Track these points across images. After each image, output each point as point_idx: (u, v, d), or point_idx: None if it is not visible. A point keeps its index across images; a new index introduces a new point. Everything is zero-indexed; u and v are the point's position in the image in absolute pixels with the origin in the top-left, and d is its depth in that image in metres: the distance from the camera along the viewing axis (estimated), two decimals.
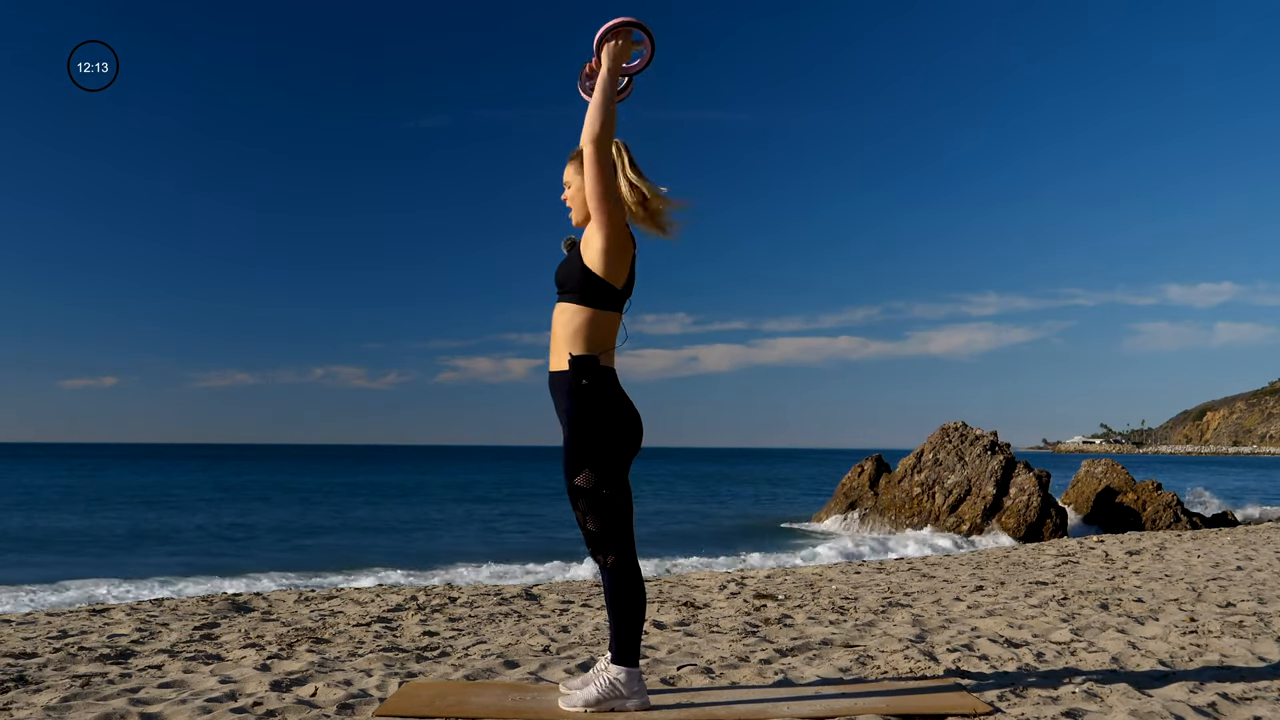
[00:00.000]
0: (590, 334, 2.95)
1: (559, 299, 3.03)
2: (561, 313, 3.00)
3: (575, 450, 2.91)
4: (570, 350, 2.94)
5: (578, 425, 2.91)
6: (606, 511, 2.93)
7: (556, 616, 5.37)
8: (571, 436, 2.92)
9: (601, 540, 2.95)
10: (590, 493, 2.91)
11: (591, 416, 2.91)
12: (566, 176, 3.13)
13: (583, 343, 2.94)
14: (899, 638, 4.40)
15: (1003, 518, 14.34)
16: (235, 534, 16.36)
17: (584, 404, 2.92)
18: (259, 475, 43.33)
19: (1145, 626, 4.59)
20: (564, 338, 2.97)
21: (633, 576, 2.98)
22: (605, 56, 2.96)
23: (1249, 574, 6.80)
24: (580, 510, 2.93)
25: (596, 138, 2.90)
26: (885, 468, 15.94)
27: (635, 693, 2.99)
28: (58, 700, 3.21)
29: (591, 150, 2.90)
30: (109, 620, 5.26)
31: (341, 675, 3.63)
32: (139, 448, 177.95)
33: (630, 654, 2.99)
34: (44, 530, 16.66)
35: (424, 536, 16.36)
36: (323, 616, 5.38)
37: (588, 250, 2.97)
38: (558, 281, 3.04)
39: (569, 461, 2.93)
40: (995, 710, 3.00)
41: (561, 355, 2.97)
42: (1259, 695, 3.19)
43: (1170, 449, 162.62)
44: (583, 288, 2.95)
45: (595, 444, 2.91)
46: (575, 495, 2.92)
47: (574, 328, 2.95)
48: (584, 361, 2.92)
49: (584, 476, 2.90)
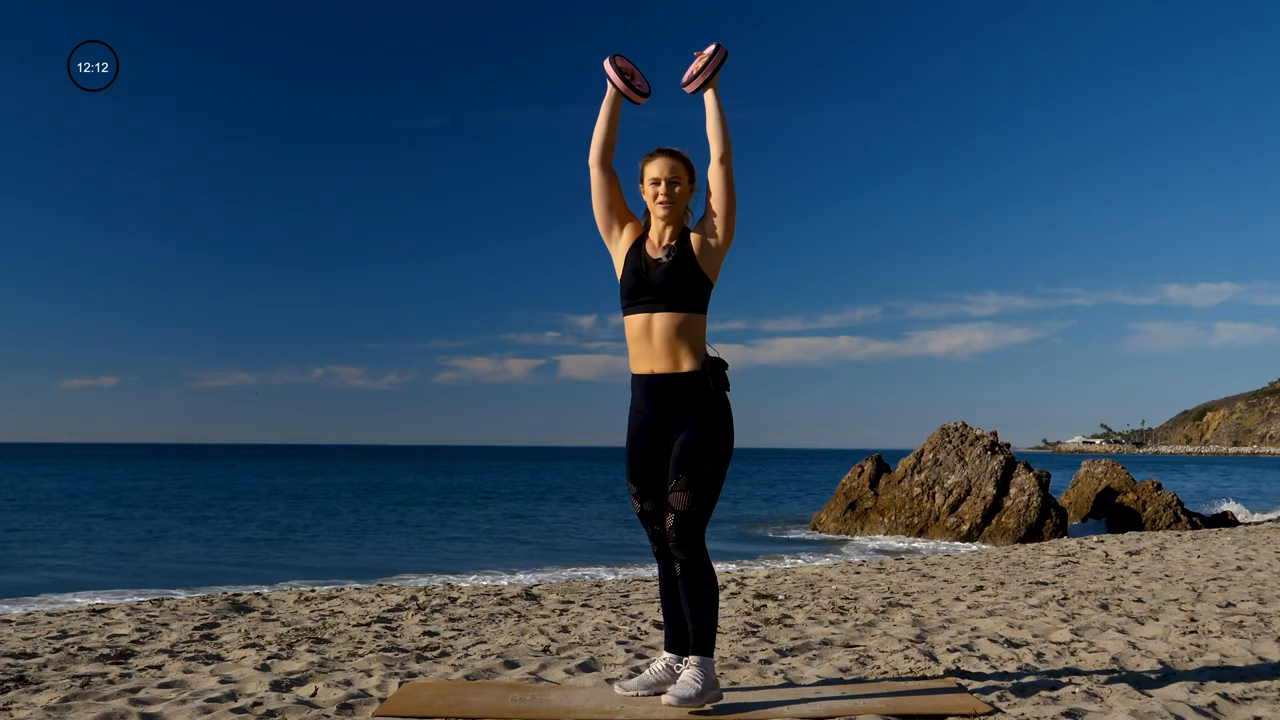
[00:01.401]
0: (703, 337, 3.13)
1: (670, 307, 3.08)
2: (684, 320, 3.08)
3: (714, 443, 3.06)
4: (703, 355, 3.10)
5: (719, 422, 3.08)
6: (710, 500, 3.07)
7: (556, 616, 5.37)
8: (713, 431, 3.06)
9: (695, 525, 3.04)
10: (711, 481, 3.05)
11: (725, 415, 3.09)
12: (677, 173, 3.16)
13: (703, 347, 3.11)
14: (899, 638, 4.40)
15: (1003, 518, 14.34)
16: (236, 537, 16.35)
17: (719, 403, 3.09)
18: (281, 478, 43.34)
19: (1145, 626, 4.59)
20: (689, 344, 3.08)
21: (710, 568, 3.10)
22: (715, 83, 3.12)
23: (1249, 574, 6.80)
24: (691, 494, 3.03)
25: (729, 154, 3.10)
26: (885, 468, 15.94)
27: (716, 683, 3.07)
28: (58, 700, 3.21)
29: (726, 168, 3.09)
30: (109, 620, 5.26)
31: (341, 675, 3.63)
32: (139, 448, 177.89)
33: (711, 644, 3.09)
34: (44, 533, 16.67)
35: (425, 536, 16.36)
36: (323, 616, 5.38)
37: (708, 259, 3.11)
38: (669, 288, 3.08)
39: (705, 451, 3.04)
40: (995, 710, 3.00)
41: (683, 359, 3.08)
42: (1259, 695, 3.19)
43: (1170, 449, 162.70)
44: (702, 295, 3.11)
45: (729, 439, 3.10)
46: (700, 481, 3.03)
47: (699, 334, 3.11)
48: (719, 365, 3.10)
49: (714, 466, 3.06)
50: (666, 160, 3.16)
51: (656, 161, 3.17)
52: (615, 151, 3.22)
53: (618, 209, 3.23)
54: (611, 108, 3.18)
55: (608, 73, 3.17)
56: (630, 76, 3.18)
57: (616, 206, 3.22)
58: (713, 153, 3.11)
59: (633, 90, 3.18)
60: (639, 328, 3.11)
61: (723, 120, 3.11)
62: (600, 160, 3.19)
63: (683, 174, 3.15)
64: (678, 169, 3.16)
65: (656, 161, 3.17)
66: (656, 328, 3.09)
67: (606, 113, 3.19)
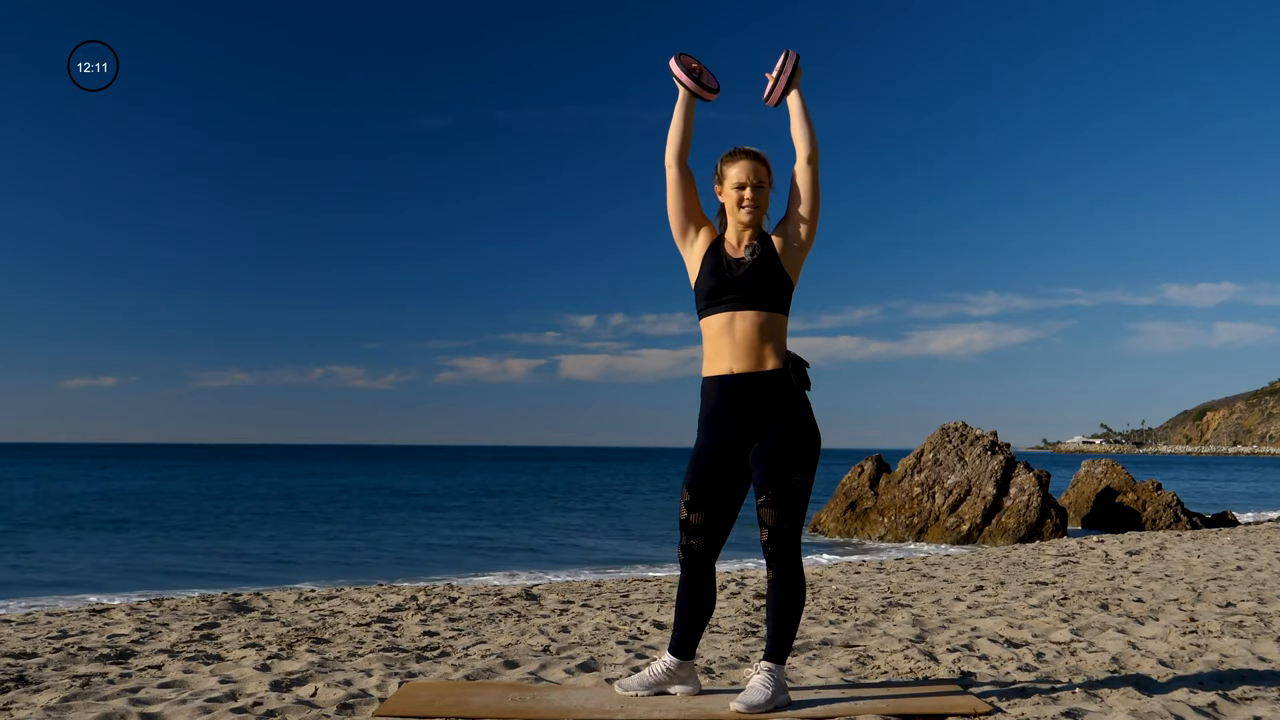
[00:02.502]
0: (785, 340, 3.08)
1: (754, 305, 3.03)
2: (768, 320, 3.03)
3: (801, 452, 2.99)
4: (780, 354, 3.03)
5: (805, 428, 3.01)
6: (802, 513, 3.00)
7: (556, 616, 5.37)
8: (798, 439, 2.99)
9: (791, 541, 2.99)
10: (799, 494, 2.98)
11: (812, 420, 3.04)
12: (760, 177, 3.11)
13: (784, 348, 3.06)
14: (899, 638, 4.40)
15: (1003, 518, 14.34)
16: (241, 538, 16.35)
17: (806, 408, 3.03)
18: (284, 479, 43.32)
19: (1145, 626, 4.58)
20: (772, 344, 3.03)
21: (803, 578, 3.05)
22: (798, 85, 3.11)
23: (1249, 574, 6.80)
24: (780, 511, 2.96)
25: (818, 156, 3.08)
26: (885, 468, 15.93)
27: (785, 688, 3.07)
28: (58, 700, 3.21)
29: (815, 168, 3.08)
30: (109, 620, 5.26)
31: (341, 675, 3.63)
32: (139, 448, 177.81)
33: (786, 653, 3.06)
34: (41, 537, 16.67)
35: (425, 537, 16.35)
36: (323, 616, 5.38)
37: (790, 259, 3.07)
38: (753, 286, 3.03)
39: (791, 463, 2.97)
40: (995, 710, 3.00)
41: (767, 359, 3.01)
42: (1259, 695, 3.19)
43: (1170, 449, 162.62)
44: (785, 295, 3.07)
45: (816, 447, 3.02)
46: (787, 494, 2.96)
47: (782, 334, 3.06)
48: (800, 362, 3.04)
49: (801, 478, 2.98)
50: (750, 164, 3.11)
51: (741, 164, 3.11)
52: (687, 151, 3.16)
53: (694, 211, 3.18)
54: (685, 108, 3.14)
55: (674, 72, 3.13)
56: (698, 74, 3.13)
57: (693, 209, 3.17)
58: (800, 153, 3.10)
59: (702, 88, 3.13)
60: (720, 327, 3.04)
61: (808, 121, 3.09)
62: (678, 162, 3.14)
63: (765, 177, 3.12)
64: (761, 172, 3.11)
65: (741, 164, 3.11)
66: (739, 326, 3.02)
67: (680, 113, 3.14)
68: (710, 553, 3.11)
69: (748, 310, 3.02)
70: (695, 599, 3.14)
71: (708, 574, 3.13)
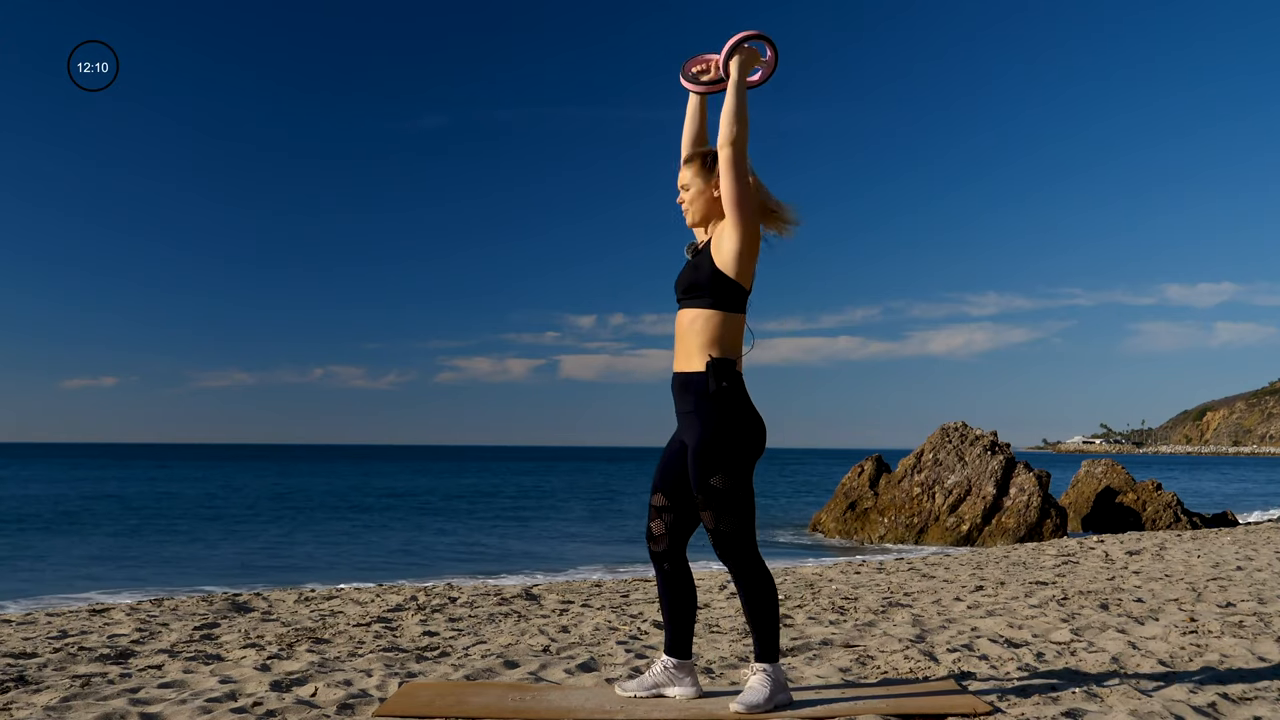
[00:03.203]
0: (724, 337, 2.99)
1: (687, 304, 3.05)
2: (695, 318, 3.01)
3: (711, 452, 2.95)
4: (709, 353, 2.97)
5: (715, 429, 2.95)
6: (738, 513, 2.96)
7: (556, 616, 5.37)
8: (707, 439, 2.95)
9: (732, 541, 2.97)
10: (724, 494, 2.94)
11: (727, 420, 2.95)
12: (684, 179, 3.15)
13: (719, 346, 2.98)
14: (899, 638, 4.40)
15: (1003, 518, 14.34)
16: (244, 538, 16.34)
17: (720, 407, 2.95)
18: (288, 480, 43.32)
19: (1145, 626, 4.58)
20: (699, 342, 2.99)
21: (764, 575, 3.01)
22: (734, 67, 3.04)
23: (1249, 574, 6.80)
24: (713, 511, 2.96)
25: (735, 141, 2.97)
26: (885, 468, 15.93)
27: (783, 685, 3.04)
28: (58, 700, 3.21)
29: (730, 153, 2.97)
30: (109, 620, 5.25)
31: (341, 675, 3.63)
32: (139, 448, 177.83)
33: (775, 650, 3.03)
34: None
35: (426, 538, 16.35)
36: (323, 616, 5.38)
37: (720, 253, 3.00)
38: (685, 286, 3.06)
39: (704, 464, 2.95)
40: (995, 710, 3.00)
41: (693, 358, 3.00)
42: (1259, 695, 3.19)
43: (1170, 449, 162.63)
44: (716, 291, 2.99)
45: (730, 447, 2.95)
46: (710, 496, 2.95)
47: (710, 332, 2.99)
48: (723, 365, 2.95)
49: (719, 479, 2.94)
50: (682, 167, 3.17)
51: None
52: None
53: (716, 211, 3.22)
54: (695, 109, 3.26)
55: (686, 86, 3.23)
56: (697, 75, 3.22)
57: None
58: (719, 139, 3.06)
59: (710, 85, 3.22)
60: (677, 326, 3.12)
61: (737, 106, 3.02)
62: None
63: (692, 178, 3.13)
64: (685, 174, 3.16)
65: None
66: (678, 324, 3.07)
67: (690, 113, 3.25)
68: (674, 540, 3.12)
69: (683, 309, 3.06)
70: (673, 595, 3.15)
71: (678, 566, 3.15)
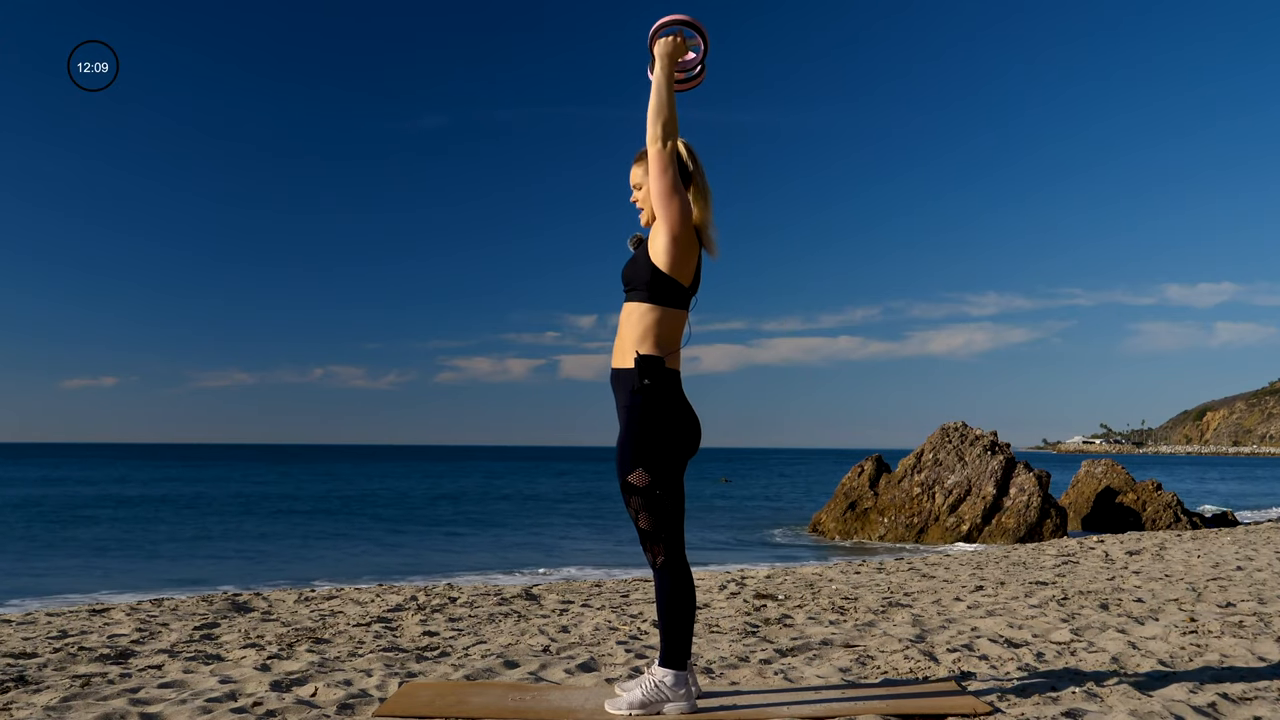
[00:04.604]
0: (657, 333, 2.95)
1: (627, 298, 3.03)
2: (630, 312, 2.99)
3: (631, 448, 2.91)
4: (638, 349, 2.94)
5: (635, 424, 2.91)
6: (658, 510, 2.93)
7: (556, 616, 5.37)
8: (628, 435, 2.92)
9: (652, 538, 2.95)
10: (643, 491, 2.91)
11: (649, 416, 2.91)
12: (635, 178, 3.11)
13: (650, 342, 2.94)
14: (899, 638, 4.40)
15: (1003, 518, 14.34)
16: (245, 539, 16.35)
17: (644, 404, 2.91)
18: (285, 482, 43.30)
19: (1145, 626, 4.58)
20: (631, 336, 2.96)
21: (682, 577, 2.96)
22: (658, 55, 2.96)
23: (1249, 574, 6.80)
24: (633, 508, 2.94)
25: (658, 136, 2.93)
26: (885, 468, 15.93)
27: (680, 696, 2.95)
28: (58, 700, 3.21)
29: (654, 149, 2.93)
30: (109, 620, 5.26)
31: (341, 675, 3.63)
32: (139, 448, 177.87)
33: (677, 656, 2.96)
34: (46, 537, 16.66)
35: (426, 538, 16.35)
36: (323, 616, 5.38)
37: (653, 247, 2.97)
38: (625, 280, 3.04)
39: (624, 459, 2.92)
40: (995, 710, 3.00)
41: (626, 353, 2.96)
42: (1259, 695, 3.19)
43: (1170, 449, 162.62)
44: (650, 285, 2.95)
45: (651, 444, 2.91)
46: (628, 493, 2.93)
47: (642, 327, 2.95)
48: (649, 361, 2.91)
49: (638, 475, 2.91)
50: (634, 166, 3.13)
51: None
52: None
53: None
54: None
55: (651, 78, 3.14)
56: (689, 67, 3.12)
57: None
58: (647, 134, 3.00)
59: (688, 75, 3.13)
60: None
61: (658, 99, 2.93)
62: None
63: (642, 176, 3.09)
64: (636, 173, 3.12)
65: None
66: (620, 318, 3.04)
67: None
68: None
69: (625, 304, 3.03)
70: None
71: None
